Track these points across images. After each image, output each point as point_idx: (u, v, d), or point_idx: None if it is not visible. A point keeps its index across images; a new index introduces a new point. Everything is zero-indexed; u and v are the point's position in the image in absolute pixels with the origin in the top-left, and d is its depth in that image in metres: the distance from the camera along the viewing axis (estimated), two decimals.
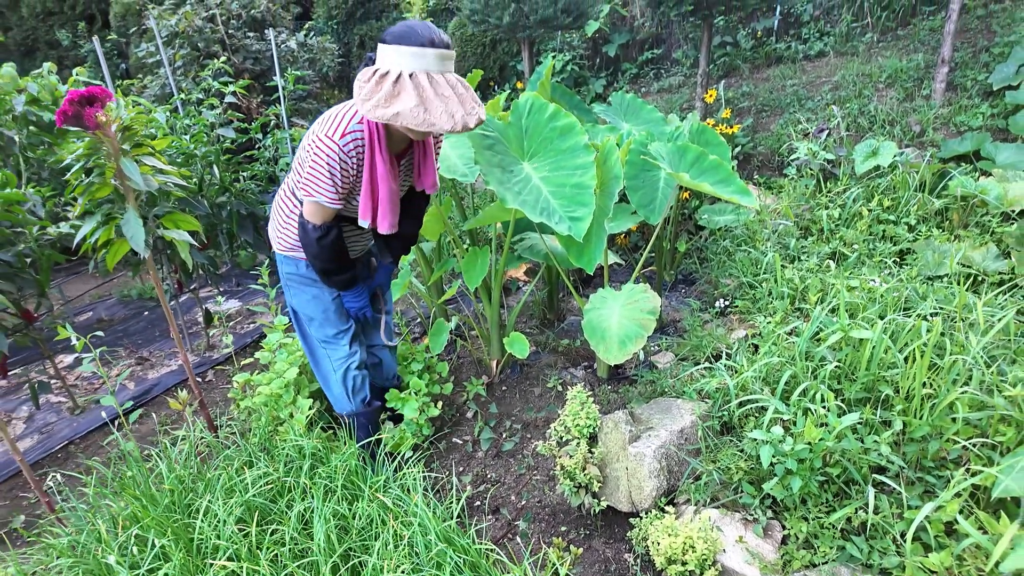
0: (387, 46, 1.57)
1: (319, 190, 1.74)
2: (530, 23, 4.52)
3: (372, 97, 1.56)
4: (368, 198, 1.80)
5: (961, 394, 1.77)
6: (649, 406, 2.36)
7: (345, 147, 1.70)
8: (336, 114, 1.74)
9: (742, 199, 2.40)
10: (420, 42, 1.56)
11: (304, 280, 2.07)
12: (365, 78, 1.60)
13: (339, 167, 1.71)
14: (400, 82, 1.56)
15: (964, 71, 4.47)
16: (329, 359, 2.15)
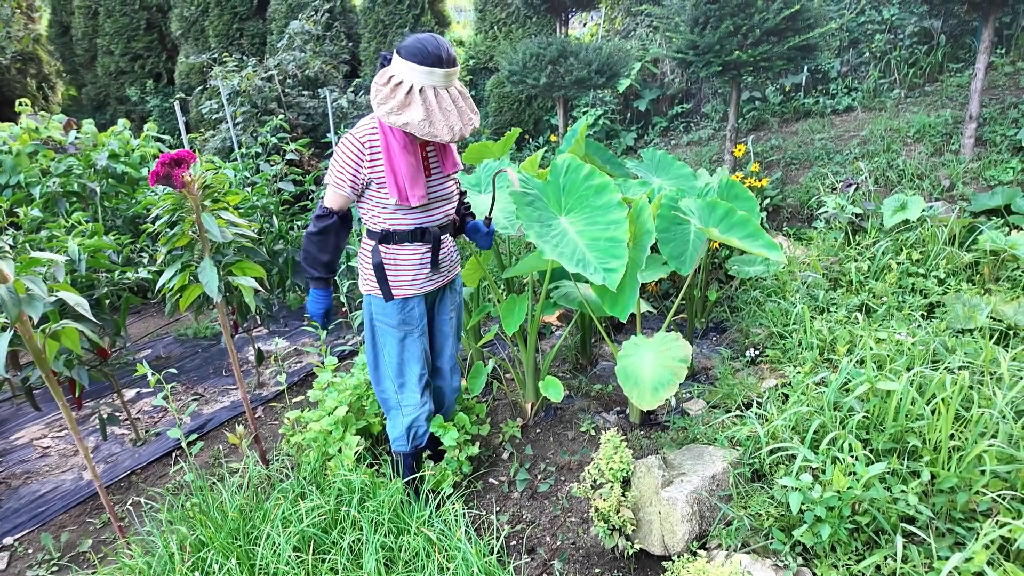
0: (401, 60, 1.81)
1: (333, 175, 2.01)
2: (565, 83, 4.78)
3: (386, 103, 1.82)
4: (392, 177, 1.99)
5: (988, 447, 1.81)
6: (681, 452, 2.43)
7: (361, 138, 1.96)
8: (359, 123, 2.03)
9: (770, 253, 2.51)
10: (431, 62, 1.80)
11: (390, 322, 2.22)
12: (382, 82, 1.85)
13: (355, 156, 1.96)
14: (411, 94, 1.82)
15: (993, 127, 4.54)
16: (400, 404, 2.29)
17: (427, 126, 1.83)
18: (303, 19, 6.05)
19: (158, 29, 8.88)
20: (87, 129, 4.22)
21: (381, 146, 1.97)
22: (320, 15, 6.31)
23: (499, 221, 2.71)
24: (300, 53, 5.81)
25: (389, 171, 1.98)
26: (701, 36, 4.39)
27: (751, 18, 4.22)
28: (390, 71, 1.86)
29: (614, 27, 7.83)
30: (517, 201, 2.31)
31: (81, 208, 3.74)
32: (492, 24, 7.28)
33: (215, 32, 7.81)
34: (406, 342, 2.24)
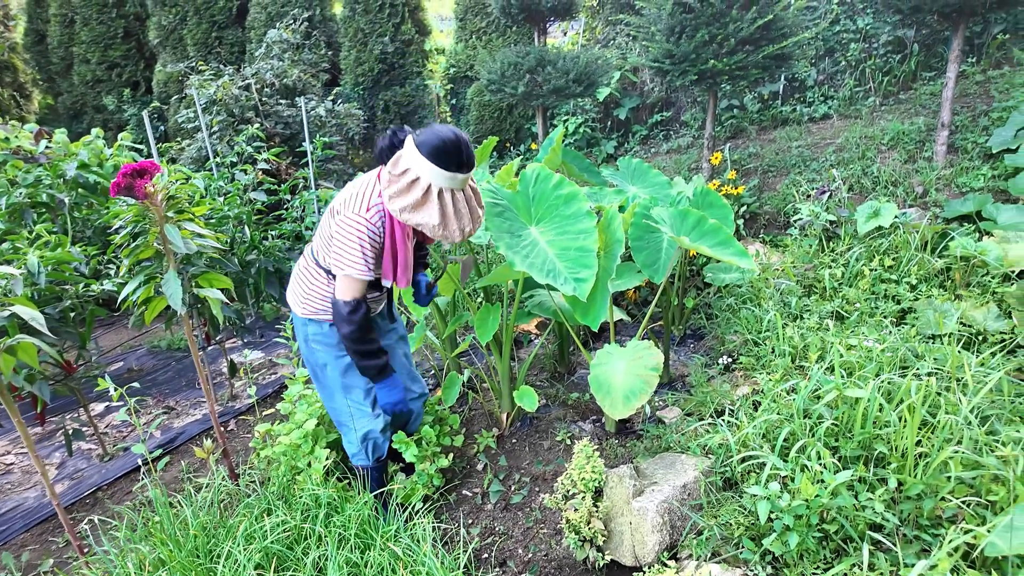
0: (420, 156, 1.75)
1: (351, 263, 1.89)
2: (544, 92, 4.80)
3: (400, 198, 1.78)
4: (390, 260, 1.96)
5: (953, 453, 1.82)
6: (654, 461, 2.43)
7: (371, 220, 1.88)
8: (359, 193, 1.94)
9: (740, 261, 2.52)
10: (454, 167, 1.76)
11: (330, 343, 2.19)
12: (397, 172, 1.79)
13: (368, 240, 1.89)
14: (428, 194, 1.77)
15: (964, 134, 4.61)
16: (353, 420, 2.24)
17: (441, 229, 1.80)
18: (281, 28, 6.02)
19: (136, 38, 8.81)
20: (59, 139, 4.16)
21: (386, 230, 1.93)
22: (299, 24, 6.30)
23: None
24: (278, 62, 5.79)
25: (389, 255, 1.95)
26: (677, 45, 4.43)
27: (726, 27, 4.27)
28: (406, 163, 1.79)
29: (594, 36, 7.89)
30: (487, 212, 2.30)
31: (50, 219, 3.68)
32: (472, 33, 7.31)
33: (193, 41, 7.76)
34: (348, 359, 2.20)
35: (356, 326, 1.96)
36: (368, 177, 1.97)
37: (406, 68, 7.33)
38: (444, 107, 7.78)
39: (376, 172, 1.96)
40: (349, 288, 1.94)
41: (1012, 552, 1.55)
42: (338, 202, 1.98)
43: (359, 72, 7.19)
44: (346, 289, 1.94)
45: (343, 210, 1.90)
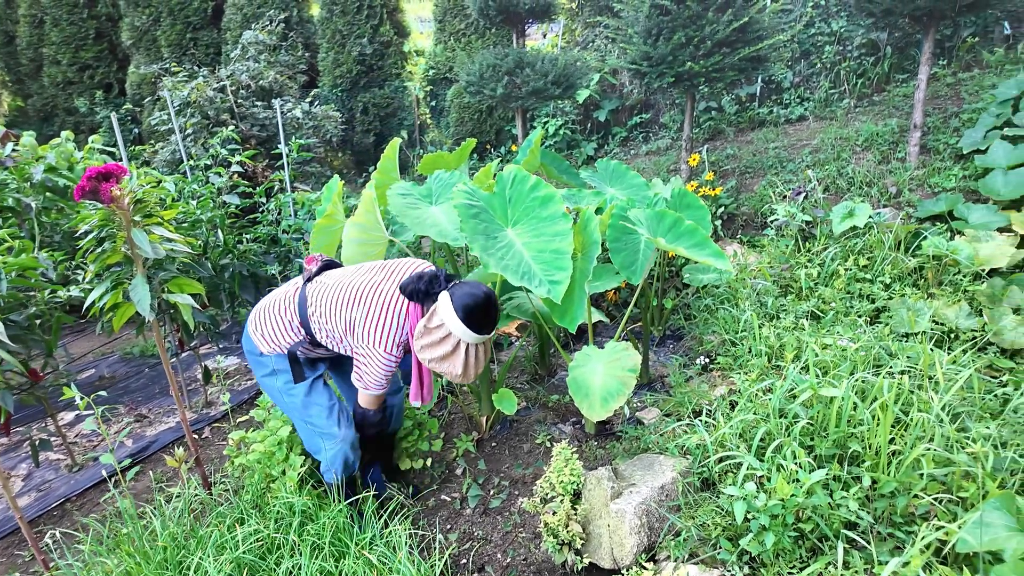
0: (454, 315, 1.95)
1: (378, 386, 2.16)
2: (522, 94, 4.79)
3: (431, 349, 2.00)
4: (418, 385, 2.22)
5: (925, 451, 1.84)
6: (632, 462, 2.42)
7: (398, 356, 2.12)
8: (385, 326, 2.07)
9: (716, 262, 2.53)
10: (484, 329, 2.01)
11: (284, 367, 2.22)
12: (432, 325, 1.99)
13: (392, 368, 2.14)
14: (457, 348, 2.00)
15: (936, 135, 4.69)
16: (322, 439, 2.23)
17: (460, 377, 2.05)
18: (257, 29, 5.95)
19: (108, 39, 8.65)
20: (26, 141, 4.05)
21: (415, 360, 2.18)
22: (275, 25, 6.23)
23: (448, 233, 2.68)
24: (254, 63, 5.72)
25: (416, 381, 2.22)
26: (654, 47, 4.45)
27: (702, 30, 4.30)
28: (440, 319, 1.98)
29: (574, 38, 7.92)
30: (462, 214, 2.28)
31: (16, 224, 3.58)
32: (451, 35, 7.29)
33: (167, 42, 7.64)
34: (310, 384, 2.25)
35: (378, 425, 2.33)
36: (388, 307, 2.08)
37: (385, 70, 7.29)
38: (424, 109, 7.75)
39: (398, 302, 2.09)
40: (374, 401, 2.25)
41: (983, 548, 1.57)
42: (361, 316, 2.08)
43: (337, 74, 7.14)
44: (371, 402, 2.25)
45: (368, 338, 2.07)
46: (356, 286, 2.12)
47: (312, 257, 2.32)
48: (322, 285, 2.19)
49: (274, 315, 2.22)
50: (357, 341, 2.09)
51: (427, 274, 2.07)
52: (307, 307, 2.17)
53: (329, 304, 2.13)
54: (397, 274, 2.16)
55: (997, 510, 1.65)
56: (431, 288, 2.04)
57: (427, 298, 2.06)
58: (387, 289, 2.11)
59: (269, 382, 2.25)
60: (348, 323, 2.09)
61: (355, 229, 2.39)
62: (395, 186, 2.84)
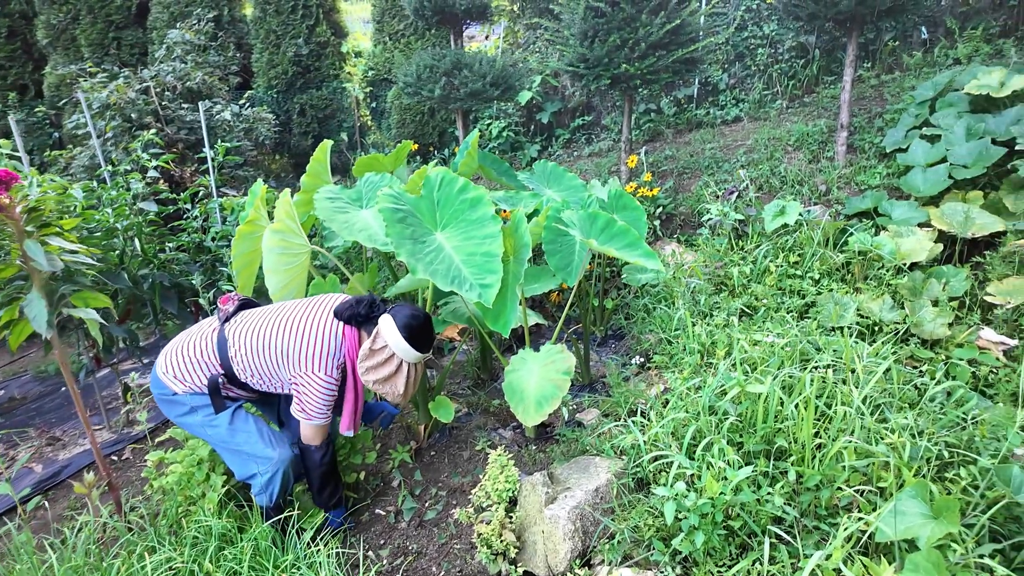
0: (399, 337, 2.03)
1: (320, 415, 2.12)
2: (461, 95, 4.74)
3: (375, 371, 2.05)
4: (351, 412, 2.21)
5: (846, 444, 1.88)
6: (569, 465, 2.41)
7: (336, 379, 2.12)
8: (321, 352, 2.08)
9: (647, 262, 2.54)
10: (425, 346, 2.10)
11: (201, 403, 2.14)
12: (376, 347, 2.05)
13: (332, 396, 2.13)
14: (399, 369, 2.07)
15: (862, 135, 4.88)
16: (256, 465, 2.15)
17: (400, 397, 2.12)
18: (183, 28, 5.71)
19: (22, 37, 8.15)
20: None
21: (348, 386, 2.20)
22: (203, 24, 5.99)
23: (378, 237, 2.60)
24: (181, 64, 5.47)
25: (352, 404, 2.21)
26: (590, 49, 4.48)
27: (637, 32, 4.35)
28: (384, 341, 2.05)
29: (516, 40, 7.92)
30: (387, 218, 2.22)
31: None
32: (390, 36, 7.18)
33: (88, 41, 7.25)
34: (232, 413, 2.17)
35: (328, 467, 2.24)
36: (323, 331, 2.10)
37: (322, 71, 7.11)
38: (364, 111, 7.61)
39: (333, 324, 2.11)
40: (318, 433, 2.18)
41: (898, 537, 1.61)
42: (296, 349, 2.07)
43: (272, 75, 6.92)
44: (315, 434, 2.18)
45: (304, 364, 2.06)
46: (285, 317, 2.13)
47: (227, 296, 2.26)
48: (244, 323, 2.15)
49: (189, 356, 2.14)
50: (293, 370, 2.08)
51: (365, 299, 2.13)
52: (228, 348, 2.10)
53: (257, 339, 2.09)
54: (325, 305, 2.19)
55: (912, 498, 1.69)
56: (371, 312, 2.11)
57: (367, 322, 2.12)
58: (319, 315, 2.13)
59: (187, 420, 2.16)
60: (282, 353, 2.08)
61: (274, 237, 2.29)
62: (322, 189, 2.75)
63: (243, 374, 2.12)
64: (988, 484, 1.81)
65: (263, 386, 2.17)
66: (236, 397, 2.23)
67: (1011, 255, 3.19)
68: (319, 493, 2.27)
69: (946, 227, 3.51)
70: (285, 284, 2.42)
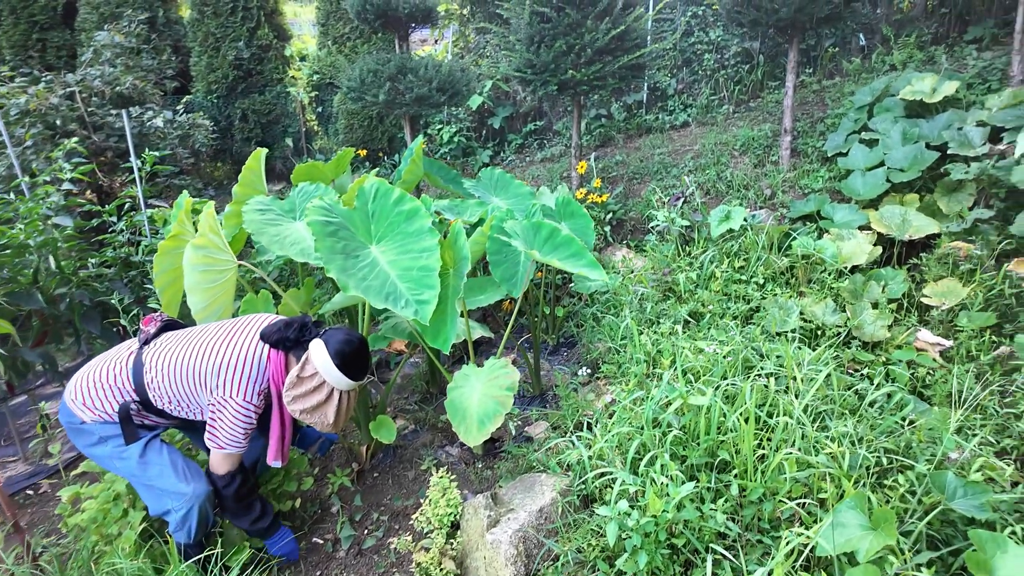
0: (333, 364, 1.92)
1: (234, 443, 1.98)
2: (406, 100, 4.64)
3: (304, 400, 1.94)
4: (279, 441, 2.07)
5: (787, 455, 1.87)
6: (514, 484, 2.34)
7: (257, 406, 1.99)
8: (241, 377, 1.95)
9: (591, 273, 2.50)
10: (360, 374, 2.00)
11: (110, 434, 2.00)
12: (305, 375, 1.94)
13: (251, 423, 1.99)
14: (330, 398, 1.97)
15: (805, 139, 4.99)
16: (170, 500, 2.02)
17: (331, 427, 2.01)
18: (111, 30, 5.43)
19: None
20: None
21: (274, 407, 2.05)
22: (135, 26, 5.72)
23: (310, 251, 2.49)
24: (110, 68, 5.20)
25: (278, 432, 2.07)
26: (537, 55, 4.45)
27: (582, 38, 4.33)
28: (314, 369, 1.94)
29: (467, 45, 7.86)
30: (317, 232, 2.11)
31: None
32: (335, 39, 7.02)
33: (10, 43, 6.86)
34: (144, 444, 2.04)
35: (236, 495, 2.05)
36: (245, 353, 1.97)
37: (265, 75, 6.89)
38: (310, 115, 7.41)
39: (257, 347, 1.98)
40: (226, 462, 2.01)
41: (837, 551, 1.59)
42: (212, 375, 1.94)
43: (212, 79, 6.67)
44: (222, 463, 2.01)
45: (223, 388, 1.94)
46: (206, 340, 2.01)
47: (150, 318, 2.11)
48: (162, 347, 2.02)
49: (101, 383, 1.99)
50: (211, 394, 1.95)
51: (296, 321, 2.00)
52: (143, 373, 1.97)
53: (174, 363, 1.96)
54: (251, 326, 2.06)
55: (851, 509, 1.69)
56: (301, 336, 1.99)
57: (296, 346, 2.00)
58: (243, 337, 2.01)
59: (97, 451, 2.01)
60: (199, 377, 1.94)
61: (196, 253, 2.16)
62: (252, 201, 2.62)
63: (160, 400, 1.99)
64: (924, 490, 1.83)
65: (182, 412, 2.03)
66: (153, 425, 2.08)
67: (945, 256, 3.28)
68: (237, 521, 2.13)
69: (885, 230, 3.59)
70: (209, 304, 2.28)
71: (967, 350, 2.76)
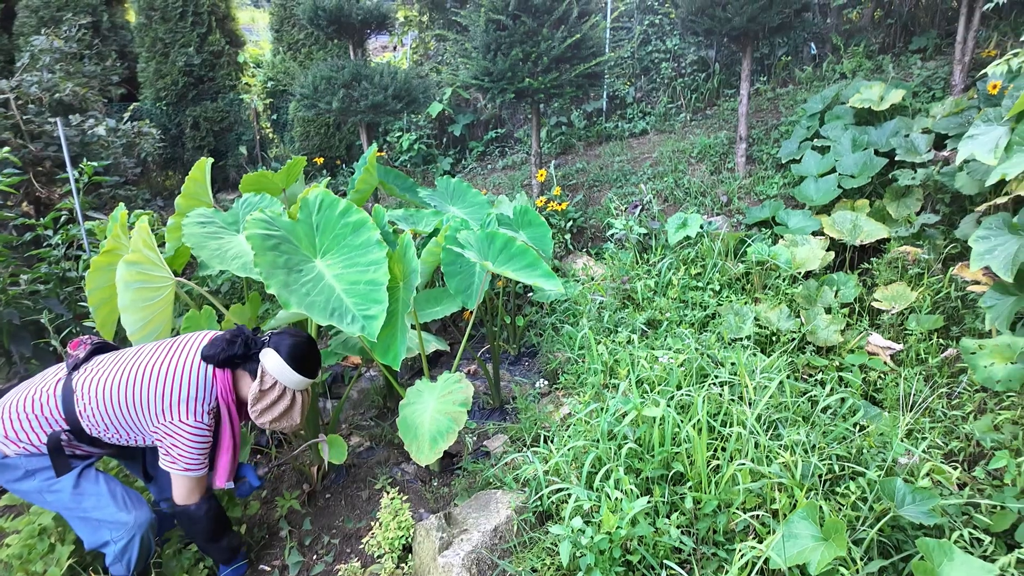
0: (290, 368, 1.92)
1: (196, 467, 1.91)
2: (361, 108, 4.57)
3: (270, 411, 1.95)
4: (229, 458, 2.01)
5: (740, 466, 1.86)
6: (470, 502, 2.28)
7: (209, 425, 1.92)
8: (186, 395, 1.87)
9: (546, 283, 2.47)
10: (315, 370, 2.02)
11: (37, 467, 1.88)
12: (267, 386, 1.94)
13: (207, 439, 1.93)
14: (294, 400, 1.99)
15: (760, 146, 5.07)
16: (110, 531, 1.92)
17: (295, 424, 2.03)
18: (50, 34, 5.21)
19: None
20: None
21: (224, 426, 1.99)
22: (76, 31, 5.50)
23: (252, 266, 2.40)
24: (48, 74, 4.99)
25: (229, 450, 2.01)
26: (493, 63, 4.42)
27: (539, 46, 4.33)
28: (273, 378, 1.93)
29: (427, 51, 7.80)
30: (257, 246, 2.03)
31: None
32: (290, 45, 6.89)
33: None
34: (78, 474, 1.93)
35: (210, 521, 2.01)
36: (189, 373, 1.90)
37: (217, 81, 6.72)
38: (265, 123, 7.25)
39: (200, 366, 1.91)
40: (195, 487, 1.96)
41: (789, 564, 1.58)
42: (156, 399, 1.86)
43: (161, 86, 6.47)
44: (192, 489, 1.96)
45: (171, 413, 1.86)
46: (144, 361, 1.91)
47: (78, 340, 2.00)
48: (94, 372, 1.91)
49: (26, 413, 1.86)
50: (157, 420, 1.86)
51: (238, 336, 1.93)
52: (75, 401, 1.85)
53: (110, 389, 1.85)
54: (191, 344, 1.97)
55: (803, 520, 1.68)
56: (249, 350, 1.94)
57: (246, 361, 1.95)
58: (183, 356, 1.92)
59: (23, 486, 1.89)
60: (141, 402, 1.85)
61: (130, 270, 2.05)
62: (192, 213, 2.52)
63: (94, 429, 1.87)
64: (875, 497, 1.84)
65: (120, 440, 1.92)
66: (86, 454, 1.96)
67: (895, 261, 3.36)
68: (211, 549, 2.07)
69: (837, 235, 3.66)
70: (145, 323, 2.18)
71: (916, 353, 2.81)
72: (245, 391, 1.98)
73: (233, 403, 1.98)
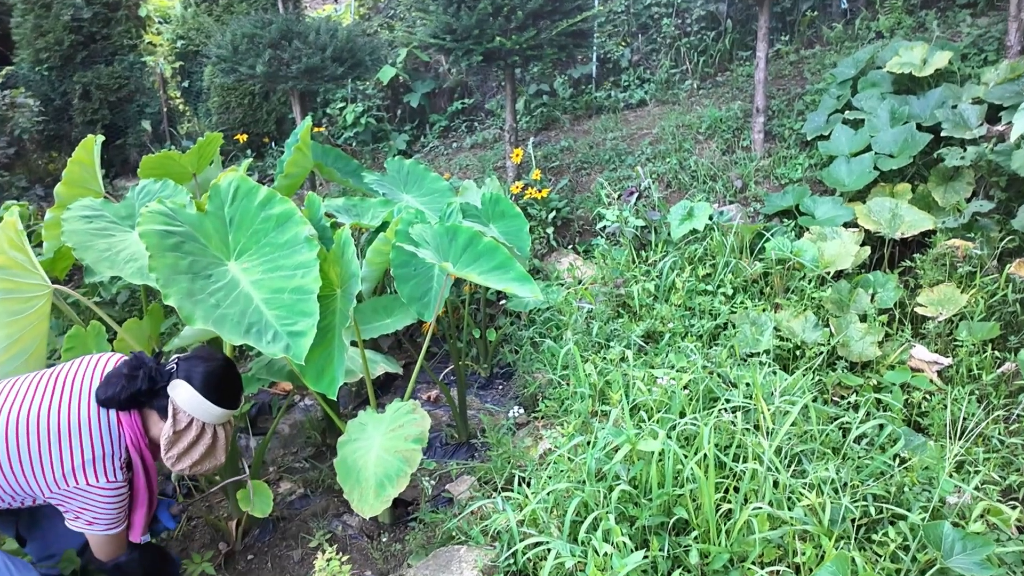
0: (208, 402, 1.93)
1: (116, 524, 1.97)
2: (292, 72, 4.53)
3: (188, 454, 1.97)
4: (145, 511, 2.06)
5: (755, 511, 1.86)
6: (426, 562, 2.26)
7: (123, 481, 1.94)
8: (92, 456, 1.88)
9: (521, 289, 2.45)
10: (236, 399, 2.05)
11: None
12: (182, 426, 1.94)
13: (124, 494, 1.96)
14: (216, 437, 2.01)
15: (781, 120, 5.14)
16: None
17: (218, 464, 2.07)
18: None
19: None
20: None
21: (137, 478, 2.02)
22: None
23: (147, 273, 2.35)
24: None
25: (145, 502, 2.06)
26: (456, 18, 4.41)
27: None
28: (188, 415, 1.93)
29: (375, 5, 7.77)
30: (152, 245, 1.98)
31: None
32: None
33: None
34: None
35: (149, 562, 2.13)
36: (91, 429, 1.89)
37: (113, 40, 6.61)
38: (173, 92, 7.16)
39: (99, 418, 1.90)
40: (120, 541, 2.03)
41: None
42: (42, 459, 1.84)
43: (41, 46, 6.34)
44: (118, 543, 2.03)
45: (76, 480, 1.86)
46: (22, 411, 1.86)
47: None
48: None
49: None
50: (56, 487, 1.85)
51: (139, 368, 1.90)
52: None
53: None
54: (81, 379, 1.94)
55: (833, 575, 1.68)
56: (155, 383, 1.92)
57: (152, 398, 1.94)
58: (76, 401, 1.90)
59: None
60: (31, 467, 1.83)
61: None
62: (75, 205, 2.47)
63: None
64: (919, 545, 1.85)
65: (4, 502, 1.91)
66: None
67: (942, 257, 3.40)
68: None
69: (873, 227, 3.71)
70: (13, 342, 2.11)
71: (968, 368, 2.85)
72: (156, 432, 1.97)
73: (146, 447, 1.99)
